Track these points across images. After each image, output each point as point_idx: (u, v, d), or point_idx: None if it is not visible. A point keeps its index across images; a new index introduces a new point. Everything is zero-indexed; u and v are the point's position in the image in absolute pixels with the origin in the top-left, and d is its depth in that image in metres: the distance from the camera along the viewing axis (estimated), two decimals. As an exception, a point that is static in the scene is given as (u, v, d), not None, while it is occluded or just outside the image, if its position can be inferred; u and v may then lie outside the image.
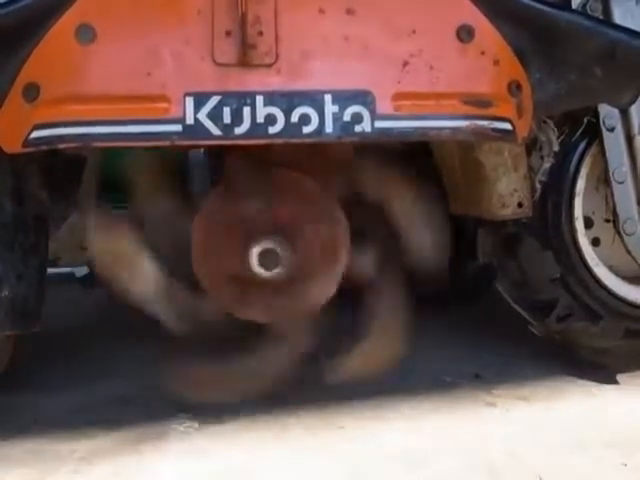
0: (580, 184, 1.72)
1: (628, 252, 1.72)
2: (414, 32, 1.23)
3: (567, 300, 1.76)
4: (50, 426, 1.61)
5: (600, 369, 1.86)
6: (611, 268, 1.78)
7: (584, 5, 1.59)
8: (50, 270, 2.17)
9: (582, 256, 1.74)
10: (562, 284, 1.76)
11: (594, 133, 1.68)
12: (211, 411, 1.63)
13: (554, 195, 1.72)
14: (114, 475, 1.40)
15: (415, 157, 1.75)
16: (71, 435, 1.56)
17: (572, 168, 1.71)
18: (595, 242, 1.80)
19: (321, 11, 1.21)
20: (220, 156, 1.58)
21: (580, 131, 1.68)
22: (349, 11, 1.22)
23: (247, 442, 1.53)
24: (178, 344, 1.53)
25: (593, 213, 1.80)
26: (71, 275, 2.88)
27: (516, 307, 1.87)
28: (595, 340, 1.81)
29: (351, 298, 1.56)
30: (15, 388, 1.78)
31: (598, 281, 1.76)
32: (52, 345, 2.13)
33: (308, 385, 1.70)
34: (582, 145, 1.71)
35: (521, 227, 1.75)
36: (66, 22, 1.17)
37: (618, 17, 1.59)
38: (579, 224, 1.74)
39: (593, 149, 1.71)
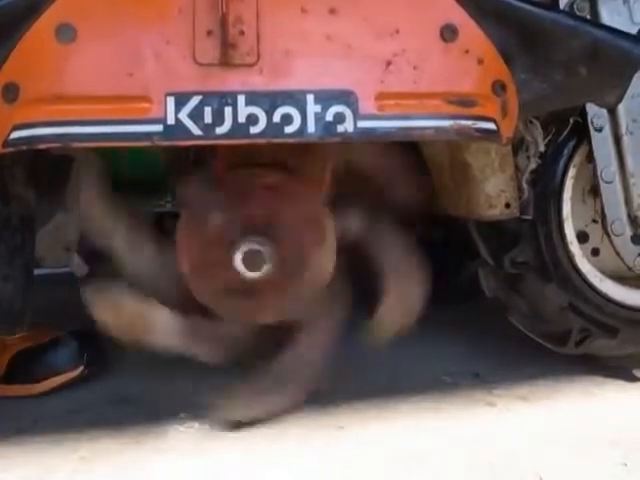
0: (567, 207, 1.71)
1: (617, 253, 1.71)
2: (397, 32, 1.22)
3: (581, 323, 1.75)
4: (50, 426, 1.61)
5: (601, 369, 1.86)
6: (614, 274, 1.77)
7: (571, 4, 1.58)
8: (50, 270, 2.18)
9: (585, 278, 1.73)
10: (572, 310, 1.74)
11: (582, 135, 1.68)
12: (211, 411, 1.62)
13: (543, 226, 1.71)
14: (114, 475, 1.41)
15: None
16: (71, 435, 1.56)
17: (559, 173, 1.70)
18: (594, 252, 1.79)
19: (303, 10, 1.20)
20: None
21: (567, 132, 1.67)
22: (332, 10, 1.21)
23: (247, 442, 1.53)
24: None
25: (586, 226, 1.79)
26: (71, 275, 2.89)
27: (532, 336, 1.87)
28: (617, 350, 1.81)
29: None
30: (15, 388, 1.78)
31: (605, 297, 1.74)
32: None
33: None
34: (569, 147, 1.70)
35: (520, 266, 1.74)
36: (46, 21, 1.16)
37: (605, 16, 1.58)
38: (574, 248, 1.73)
39: (580, 155, 1.70)
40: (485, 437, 1.53)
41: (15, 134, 1.16)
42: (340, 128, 1.19)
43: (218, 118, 1.16)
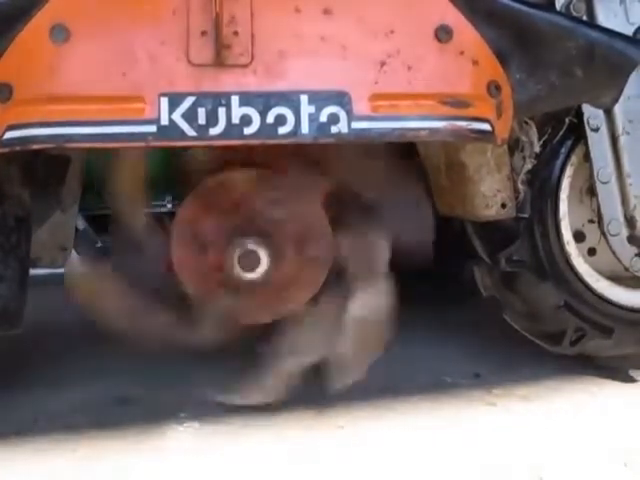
0: (564, 206, 1.71)
1: (613, 253, 1.71)
2: (392, 32, 1.22)
3: (576, 323, 1.76)
4: (50, 426, 1.61)
5: (600, 369, 1.86)
6: (611, 274, 1.77)
7: (568, 5, 1.57)
8: (50, 270, 2.19)
9: (581, 277, 1.74)
10: (568, 309, 1.75)
11: (578, 135, 1.67)
12: (211, 411, 1.63)
13: (540, 225, 1.71)
14: (114, 475, 1.41)
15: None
16: (71, 435, 1.56)
17: (556, 172, 1.70)
18: (591, 252, 1.78)
19: (297, 10, 1.20)
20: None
21: (563, 131, 1.67)
22: (326, 11, 1.21)
23: (247, 442, 1.54)
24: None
25: (583, 225, 1.79)
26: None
27: (527, 335, 1.87)
28: (612, 350, 1.81)
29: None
30: (15, 388, 1.79)
31: (601, 297, 1.75)
32: (52, 344, 2.15)
33: (308, 385, 1.71)
34: (566, 147, 1.70)
35: (515, 264, 1.74)
36: (40, 22, 1.16)
37: (602, 17, 1.58)
38: (571, 247, 1.73)
39: (577, 154, 1.70)
40: (485, 437, 1.54)
41: (9, 134, 1.16)
42: (334, 129, 1.19)
43: (212, 119, 1.16)
